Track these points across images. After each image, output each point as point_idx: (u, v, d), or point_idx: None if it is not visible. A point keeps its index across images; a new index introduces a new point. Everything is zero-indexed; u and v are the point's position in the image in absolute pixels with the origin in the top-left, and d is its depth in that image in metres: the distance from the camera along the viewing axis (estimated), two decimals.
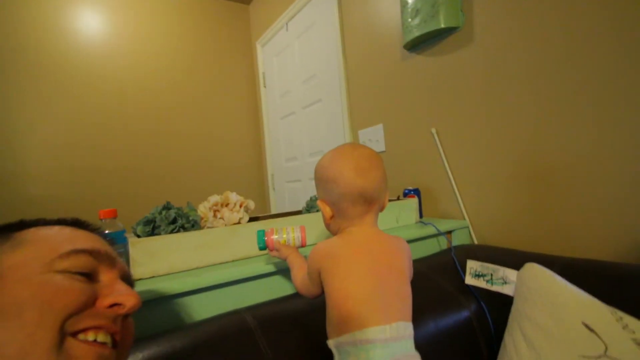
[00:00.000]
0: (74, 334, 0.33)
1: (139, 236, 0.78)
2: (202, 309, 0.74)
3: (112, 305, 0.37)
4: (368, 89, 1.60)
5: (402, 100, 1.43)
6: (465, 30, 1.19)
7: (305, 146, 2.12)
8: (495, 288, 0.69)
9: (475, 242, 1.18)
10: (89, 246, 0.39)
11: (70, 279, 0.35)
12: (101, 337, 0.35)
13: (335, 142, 1.84)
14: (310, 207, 1.06)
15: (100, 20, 2.16)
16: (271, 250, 0.76)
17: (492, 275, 0.70)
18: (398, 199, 1.28)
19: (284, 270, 0.83)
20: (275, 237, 0.75)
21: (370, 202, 0.61)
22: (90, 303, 0.35)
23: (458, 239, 1.17)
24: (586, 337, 0.58)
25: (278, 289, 0.83)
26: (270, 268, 0.81)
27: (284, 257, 0.74)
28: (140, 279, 0.74)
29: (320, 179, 0.63)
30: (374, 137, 1.57)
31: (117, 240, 0.75)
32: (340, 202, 0.61)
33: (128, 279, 0.44)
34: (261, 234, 0.75)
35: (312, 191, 1.92)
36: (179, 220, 0.82)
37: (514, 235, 1.08)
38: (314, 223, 0.95)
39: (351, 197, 0.60)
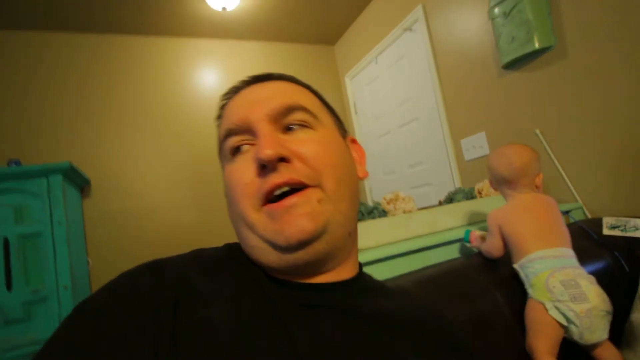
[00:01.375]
0: None
1: None
2: (397, 270, 1.07)
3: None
4: (467, 104, 1.91)
5: (503, 110, 1.72)
6: (557, 48, 1.46)
7: (403, 160, 2.44)
8: (629, 234, 0.95)
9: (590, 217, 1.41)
10: (238, 121, 0.42)
11: (246, 159, 0.42)
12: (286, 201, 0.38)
13: (435, 153, 2.15)
14: (451, 199, 1.37)
15: (214, 78, 2.70)
16: (471, 242, 1.05)
17: (625, 225, 0.96)
18: None
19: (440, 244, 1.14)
20: (478, 233, 1.05)
21: (517, 182, 0.93)
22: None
23: (574, 218, 1.41)
24: None
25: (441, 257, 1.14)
26: (436, 240, 1.13)
27: (477, 246, 1.03)
28: (365, 248, 1.10)
29: (487, 167, 0.97)
30: (477, 143, 1.85)
31: None
32: (498, 183, 0.94)
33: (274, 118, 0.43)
34: (467, 232, 1.06)
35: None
36: (374, 211, 1.18)
37: (624, 208, 1.30)
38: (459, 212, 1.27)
39: (501, 179, 0.94)
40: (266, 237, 0.38)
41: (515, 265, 0.86)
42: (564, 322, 0.76)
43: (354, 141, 0.53)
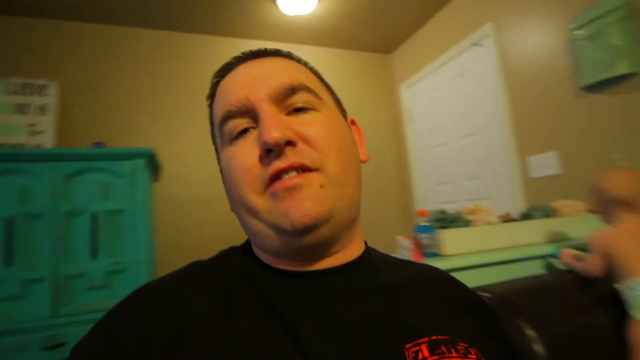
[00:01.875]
0: None
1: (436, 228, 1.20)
2: (490, 278, 1.12)
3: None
4: (537, 122, 1.92)
5: (579, 131, 1.72)
6: None
7: (460, 172, 2.47)
8: None
9: None
10: (237, 103, 0.39)
11: (247, 141, 0.40)
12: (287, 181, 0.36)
13: (495, 168, 2.17)
14: (529, 215, 1.40)
15: None
16: (562, 259, 1.09)
17: None
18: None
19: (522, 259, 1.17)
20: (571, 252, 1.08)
21: (633, 204, 0.95)
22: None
23: None
24: None
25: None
26: (518, 254, 1.16)
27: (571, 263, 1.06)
28: (450, 255, 1.15)
29: (596, 187, 1.00)
30: (547, 162, 1.86)
31: (427, 230, 1.17)
32: (608, 204, 0.97)
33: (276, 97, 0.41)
34: (558, 248, 1.10)
35: None
36: (457, 220, 1.23)
37: None
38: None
39: (616, 201, 0.96)
40: (271, 222, 0.36)
41: (619, 285, 0.89)
42: None
43: (354, 122, 0.51)
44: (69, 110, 2.20)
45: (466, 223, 1.23)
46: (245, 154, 0.37)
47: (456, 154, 2.50)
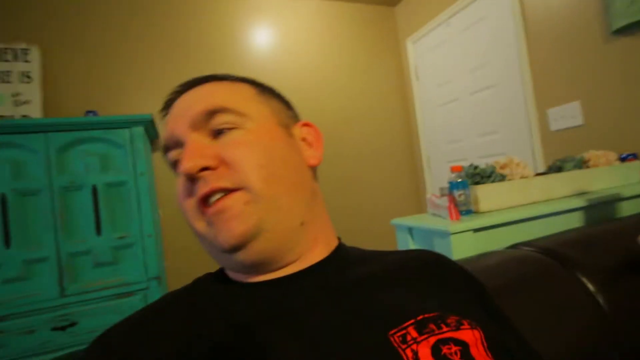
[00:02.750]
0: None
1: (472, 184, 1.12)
2: (525, 234, 1.05)
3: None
4: (560, 71, 1.81)
5: (606, 79, 1.62)
6: None
7: (472, 128, 2.37)
8: None
9: None
10: (168, 139, 0.43)
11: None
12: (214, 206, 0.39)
13: (512, 122, 2.07)
14: (560, 168, 1.32)
15: (267, 34, 2.60)
16: None
17: None
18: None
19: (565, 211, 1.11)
20: None
21: None
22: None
23: None
24: None
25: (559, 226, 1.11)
26: (559, 208, 1.09)
27: None
28: (485, 212, 1.08)
29: None
30: (569, 113, 1.77)
31: (461, 186, 1.09)
32: None
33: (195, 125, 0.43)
34: None
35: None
36: (492, 175, 1.14)
37: None
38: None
39: None
40: (213, 244, 0.39)
41: None
42: None
43: (307, 124, 0.50)
44: (53, 77, 2.02)
45: (502, 177, 1.15)
46: (181, 183, 0.40)
47: (468, 110, 2.39)
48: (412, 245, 1.21)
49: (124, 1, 2.23)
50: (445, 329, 0.34)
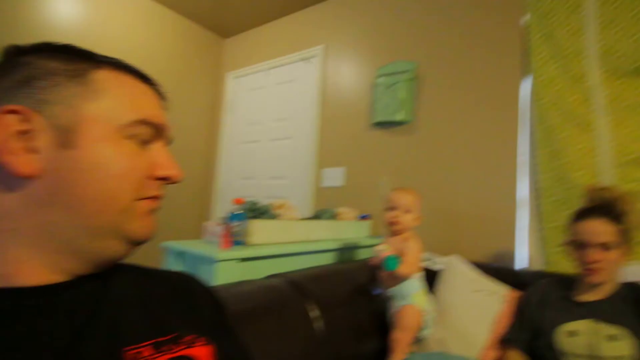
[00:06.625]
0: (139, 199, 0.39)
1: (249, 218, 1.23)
2: (284, 267, 1.23)
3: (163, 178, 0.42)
4: (338, 141, 2.27)
5: (364, 156, 2.14)
6: (413, 123, 1.98)
7: (265, 170, 2.62)
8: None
9: None
10: (156, 119, 0.41)
11: (136, 147, 0.39)
12: (156, 204, 0.42)
13: (297, 172, 2.42)
14: (318, 216, 1.62)
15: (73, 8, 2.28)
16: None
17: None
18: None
19: (317, 252, 1.37)
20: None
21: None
22: (151, 175, 0.40)
23: None
24: None
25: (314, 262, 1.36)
26: (313, 248, 1.35)
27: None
28: (255, 244, 1.19)
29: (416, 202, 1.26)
30: (336, 175, 2.22)
31: (239, 218, 1.18)
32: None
33: (168, 142, 0.45)
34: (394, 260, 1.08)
35: None
36: (267, 213, 1.30)
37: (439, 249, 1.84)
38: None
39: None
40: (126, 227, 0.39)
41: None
42: None
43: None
44: None
45: (274, 216, 1.31)
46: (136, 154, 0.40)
47: (266, 153, 2.64)
48: (181, 268, 1.20)
49: None
50: (180, 347, 0.39)
